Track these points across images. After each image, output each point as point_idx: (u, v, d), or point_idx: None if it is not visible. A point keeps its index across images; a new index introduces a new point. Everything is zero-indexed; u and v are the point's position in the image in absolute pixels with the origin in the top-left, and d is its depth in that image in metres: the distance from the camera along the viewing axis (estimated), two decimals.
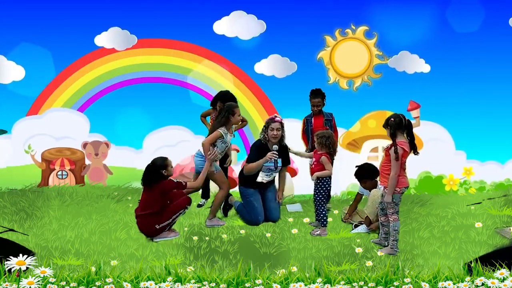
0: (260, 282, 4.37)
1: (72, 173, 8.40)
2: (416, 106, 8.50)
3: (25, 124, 8.67)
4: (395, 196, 5.20)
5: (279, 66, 8.87)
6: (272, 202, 6.18)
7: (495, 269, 4.44)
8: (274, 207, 6.17)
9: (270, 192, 6.21)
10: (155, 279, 4.41)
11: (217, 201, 6.09)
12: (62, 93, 8.79)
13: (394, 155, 5.07)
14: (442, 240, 5.59)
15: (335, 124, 6.77)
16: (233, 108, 5.99)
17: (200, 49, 8.89)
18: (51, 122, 8.64)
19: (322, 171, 5.84)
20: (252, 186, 6.12)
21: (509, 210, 6.28)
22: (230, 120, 5.96)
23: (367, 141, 8.70)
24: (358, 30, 8.80)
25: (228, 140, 6.07)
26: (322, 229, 5.82)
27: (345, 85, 8.83)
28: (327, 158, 5.85)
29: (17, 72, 8.59)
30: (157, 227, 5.55)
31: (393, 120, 5.17)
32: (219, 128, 5.91)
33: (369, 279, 4.45)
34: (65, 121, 8.65)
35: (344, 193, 8.10)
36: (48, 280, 4.16)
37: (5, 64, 8.53)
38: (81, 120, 8.71)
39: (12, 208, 6.47)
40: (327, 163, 5.84)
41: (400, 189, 5.19)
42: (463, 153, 8.82)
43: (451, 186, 8.62)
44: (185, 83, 8.90)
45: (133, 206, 6.75)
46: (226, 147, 6.07)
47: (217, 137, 5.91)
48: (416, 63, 8.80)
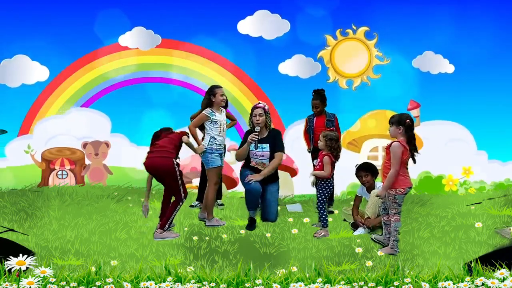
0: (260, 282, 4.37)
1: (72, 173, 8.40)
2: (416, 105, 8.51)
3: (46, 124, 8.67)
4: (398, 197, 5.19)
5: (303, 66, 8.84)
6: (270, 203, 6.16)
7: (495, 269, 4.44)
8: (271, 209, 6.16)
9: (269, 194, 6.17)
10: (155, 279, 4.41)
11: (207, 200, 6.05)
12: (63, 93, 8.79)
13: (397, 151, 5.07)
14: (442, 240, 5.59)
15: (338, 125, 6.75)
16: (213, 89, 5.98)
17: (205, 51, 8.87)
18: (73, 122, 8.63)
19: (319, 171, 5.83)
20: (251, 169, 6.10)
21: (509, 210, 6.28)
22: (212, 101, 5.96)
23: (367, 140, 8.71)
24: (359, 31, 8.80)
25: (220, 119, 5.99)
26: (325, 230, 5.81)
27: (344, 84, 8.84)
28: (329, 159, 5.80)
29: (42, 72, 8.59)
30: None
31: (409, 122, 5.16)
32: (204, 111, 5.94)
33: (369, 279, 4.45)
34: (86, 121, 8.62)
35: (344, 193, 8.11)
36: (48, 280, 4.16)
37: (30, 64, 8.54)
38: (102, 120, 8.69)
39: (12, 208, 6.47)
40: (327, 164, 5.80)
41: (404, 190, 5.18)
42: (485, 153, 8.82)
43: (450, 187, 8.62)
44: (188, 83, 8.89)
45: (133, 206, 6.76)
46: (221, 128, 5.98)
47: (202, 119, 5.92)
48: (440, 64, 8.78)
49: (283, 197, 7.64)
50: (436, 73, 8.78)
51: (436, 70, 8.79)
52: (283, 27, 8.77)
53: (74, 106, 8.77)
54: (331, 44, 8.80)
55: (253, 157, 6.07)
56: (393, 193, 5.19)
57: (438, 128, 8.74)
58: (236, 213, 6.48)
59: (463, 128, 8.79)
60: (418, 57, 8.77)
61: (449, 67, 8.78)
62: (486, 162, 8.78)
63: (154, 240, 5.62)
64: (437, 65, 8.79)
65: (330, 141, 5.80)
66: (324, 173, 5.78)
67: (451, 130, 8.68)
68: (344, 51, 8.83)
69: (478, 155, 8.81)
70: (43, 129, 8.62)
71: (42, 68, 8.58)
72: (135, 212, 6.50)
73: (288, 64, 8.81)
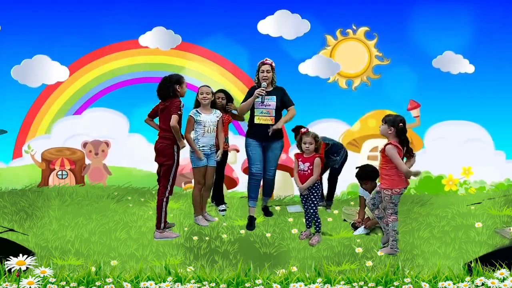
0: (260, 282, 4.37)
1: (72, 173, 8.40)
2: (416, 105, 8.49)
3: (64, 124, 8.67)
4: (394, 197, 5.20)
5: (323, 67, 8.82)
6: (270, 162, 6.16)
7: (495, 269, 4.44)
8: (270, 167, 6.18)
9: (271, 152, 6.15)
10: (155, 279, 4.42)
11: (193, 199, 6.07)
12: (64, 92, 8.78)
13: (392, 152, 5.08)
14: (442, 240, 5.59)
15: None
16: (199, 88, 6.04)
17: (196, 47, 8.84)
18: (91, 122, 8.62)
19: (310, 179, 5.57)
20: (254, 137, 6.11)
21: (509, 210, 6.28)
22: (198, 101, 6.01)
23: (367, 140, 8.70)
24: (359, 31, 8.80)
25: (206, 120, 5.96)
26: (318, 235, 5.68)
27: (344, 84, 8.83)
28: (321, 161, 5.61)
29: (61, 72, 8.60)
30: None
31: (402, 125, 5.16)
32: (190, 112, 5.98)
33: (369, 279, 4.45)
34: (104, 121, 8.59)
35: (344, 193, 8.10)
36: (48, 280, 4.17)
37: (50, 64, 8.54)
38: (120, 120, 8.67)
39: (12, 208, 6.47)
40: (318, 167, 5.58)
41: (400, 190, 5.20)
42: (503, 153, 8.82)
43: (450, 187, 8.61)
44: None
45: (133, 206, 6.76)
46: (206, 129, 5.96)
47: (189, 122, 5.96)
48: (460, 64, 8.77)
49: (283, 197, 7.64)
50: (456, 73, 8.77)
51: (456, 70, 8.78)
52: (303, 27, 8.76)
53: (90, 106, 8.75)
54: (331, 44, 8.81)
55: (258, 108, 6.03)
56: (389, 193, 5.20)
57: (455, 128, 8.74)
58: (236, 213, 6.48)
59: (481, 128, 8.78)
60: (438, 57, 8.75)
61: (469, 67, 8.77)
62: (504, 162, 8.77)
63: (154, 240, 5.63)
64: (457, 65, 8.78)
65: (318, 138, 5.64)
66: (315, 177, 5.58)
67: (469, 130, 8.67)
68: (344, 51, 8.83)
69: (496, 155, 8.81)
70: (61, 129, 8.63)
71: (62, 68, 8.59)
72: (135, 212, 6.50)
73: (308, 64, 8.81)
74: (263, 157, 6.13)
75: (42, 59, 8.50)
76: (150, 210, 6.50)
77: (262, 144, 6.10)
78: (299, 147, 5.72)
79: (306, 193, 5.62)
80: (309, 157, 5.62)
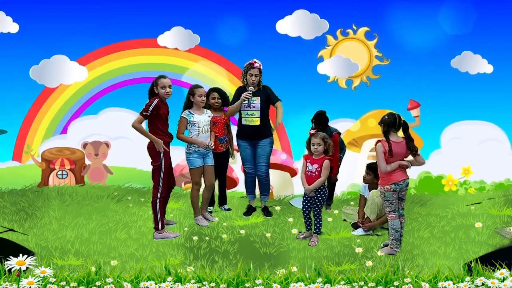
0: (260, 282, 4.38)
1: (72, 173, 8.39)
2: (416, 105, 8.49)
3: (80, 124, 8.66)
4: (387, 194, 5.21)
5: (341, 67, 8.81)
6: (260, 158, 6.31)
7: (495, 269, 4.44)
8: (261, 164, 6.33)
9: (260, 149, 6.31)
10: (155, 279, 4.42)
11: (191, 200, 6.07)
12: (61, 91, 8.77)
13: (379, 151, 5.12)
14: (442, 240, 5.59)
15: None
16: (193, 89, 5.97)
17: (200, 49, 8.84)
18: (107, 122, 8.61)
19: (318, 181, 5.53)
20: (243, 137, 6.31)
21: (509, 210, 6.28)
22: (192, 102, 5.95)
23: (367, 140, 8.70)
24: (359, 31, 8.80)
25: (199, 120, 5.90)
26: (316, 236, 5.65)
27: (344, 84, 8.83)
28: (329, 163, 5.56)
29: (80, 72, 8.60)
30: None
31: (387, 118, 5.20)
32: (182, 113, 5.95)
33: (369, 279, 4.45)
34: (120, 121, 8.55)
35: (344, 193, 8.09)
36: (48, 280, 4.17)
37: (68, 64, 8.54)
38: None
39: (12, 208, 6.47)
40: (327, 169, 5.54)
41: (390, 187, 5.19)
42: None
43: (450, 187, 8.61)
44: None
45: (133, 206, 6.76)
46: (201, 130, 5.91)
47: (182, 123, 5.91)
48: (479, 64, 8.74)
49: (283, 197, 7.64)
50: (474, 73, 8.73)
51: (475, 70, 8.74)
52: (322, 27, 8.75)
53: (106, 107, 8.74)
54: (331, 44, 8.81)
55: (244, 110, 6.21)
56: (382, 191, 5.23)
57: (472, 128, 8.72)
58: (236, 213, 6.48)
59: (498, 128, 8.76)
60: (456, 57, 8.72)
61: (488, 67, 8.74)
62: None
63: (154, 240, 5.63)
64: (476, 65, 8.74)
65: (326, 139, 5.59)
66: (322, 179, 5.53)
67: (485, 130, 8.66)
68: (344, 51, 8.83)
69: None
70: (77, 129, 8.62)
71: (80, 68, 8.59)
72: (135, 212, 6.50)
73: (327, 65, 8.80)
74: (254, 155, 6.36)
75: (60, 59, 8.50)
76: (150, 210, 6.49)
77: (251, 143, 6.31)
78: (308, 148, 5.69)
79: (313, 195, 5.60)
80: (318, 159, 5.57)
